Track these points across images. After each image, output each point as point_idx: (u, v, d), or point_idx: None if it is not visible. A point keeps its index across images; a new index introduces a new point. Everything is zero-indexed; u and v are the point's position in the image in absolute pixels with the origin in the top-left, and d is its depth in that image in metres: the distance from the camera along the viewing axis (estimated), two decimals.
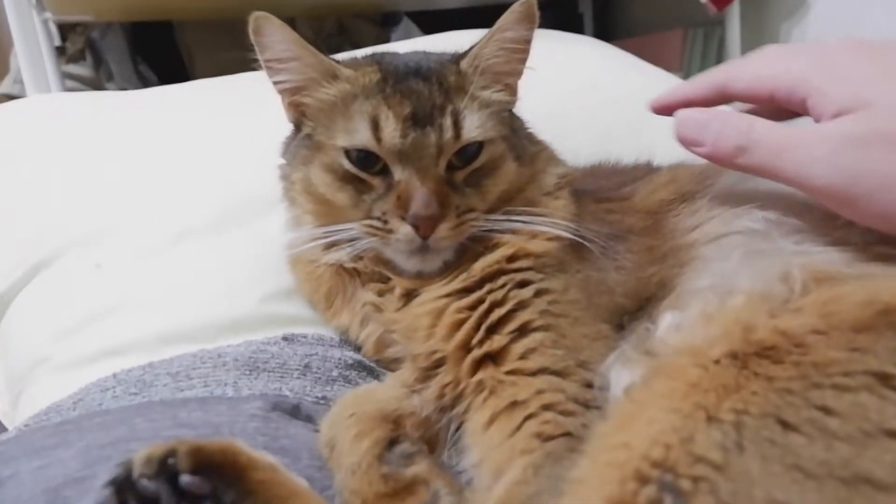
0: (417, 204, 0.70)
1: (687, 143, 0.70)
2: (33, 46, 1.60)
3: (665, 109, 0.75)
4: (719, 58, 2.18)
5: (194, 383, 0.76)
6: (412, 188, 0.71)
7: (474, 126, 0.74)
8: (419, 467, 0.66)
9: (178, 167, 1.11)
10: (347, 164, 0.75)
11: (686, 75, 1.84)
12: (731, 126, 0.67)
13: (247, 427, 0.68)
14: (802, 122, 0.69)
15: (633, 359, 0.64)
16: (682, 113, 0.71)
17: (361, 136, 0.73)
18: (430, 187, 0.72)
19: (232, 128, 1.18)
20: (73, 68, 2.19)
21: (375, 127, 0.73)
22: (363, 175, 0.75)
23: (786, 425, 0.50)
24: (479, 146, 0.76)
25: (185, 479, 0.55)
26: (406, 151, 0.72)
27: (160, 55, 2.24)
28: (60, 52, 2.06)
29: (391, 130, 0.72)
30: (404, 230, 0.71)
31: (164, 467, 0.55)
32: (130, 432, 0.67)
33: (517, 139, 0.82)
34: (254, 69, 0.88)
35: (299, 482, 0.61)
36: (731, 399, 0.52)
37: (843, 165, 0.60)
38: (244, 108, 1.22)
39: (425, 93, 0.74)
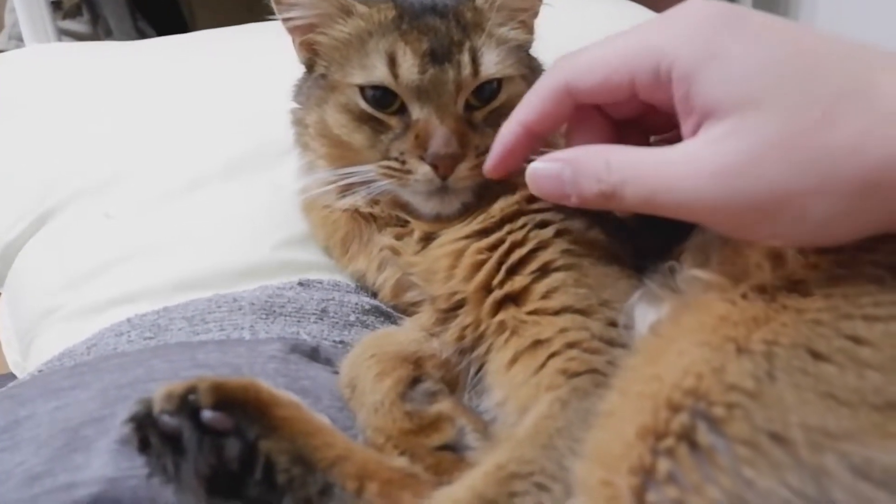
0: (437, 143, 0.69)
1: (552, 199, 0.62)
2: (33, 1, 1.57)
3: (509, 155, 0.66)
4: None
5: (210, 327, 0.75)
6: (431, 126, 0.70)
7: (493, 63, 0.73)
8: (443, 405, 0.66)
9: (185, 115, 1.10)
10: (363, 104, 0.73)
11: None
12: (587, 170, 0.58)
13: (266, 368, 0.68)
14: None
15: (658, 296, 0.63)
16: (530, 169, 0.62)
17: (378, 73, 0.71)
18: (450, 125, 0.70)
19: (240, 76, 1.17)
20: (70, 24, 2.16)
21: (392, 63, 0.71)
22: (379, 114, 0.73)
23: (817, 355, 0.49)
24: (497, 84, 0.74)
25: (207, 414, 0.54)
26: (424, 88, 0.71)
27: (160, 9, 2.20)
28: (56, 6, 2.02)
29: (409, 66, 0.70)
30: (423, 170, 0.70)
31: (186, 403, 0.54)
32: (148, 373, 0.66)
33: (535, 79, 0.80)
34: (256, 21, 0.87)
35: (322, 419, 0.61)
36: (761, 331, 0.51)
37: (733, 188, 0.52)
38: (251, 57, 1.21)
39: (443, 29, 0.73)
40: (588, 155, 0.59)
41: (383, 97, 0.72)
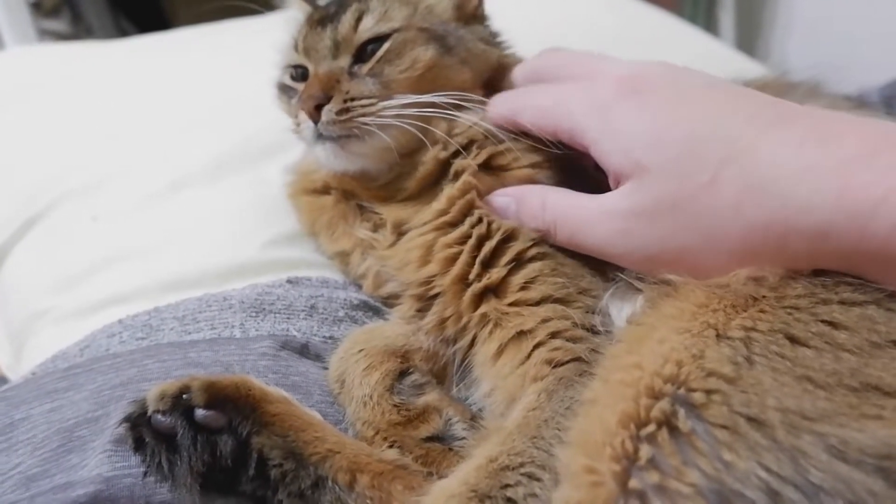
0: (306, 90, 0.74)
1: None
2: (13, 2, 1.56)
3: None
4: None
5: (201, 326, 0.76)
6: (309, 78, 0.76)
7: (375, 19, 0.76)
8: (430, 396, 0.67)
9: (171, 115, 1.10)
10: (284, 78, 0.82)
11: (681, 14, 1.82)
12: (526, 209, 0.69)
13: (257, 365, 0.68)
14: None
15: (632, 288, 0.64)
16: (487, 200, 0.72)
17: (290, 51, 0.81)
18: (319, 74, 0.75)
19: (225, 75, 1.17)
20: (51, 24, 2.14)
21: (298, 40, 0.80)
22: (291, 83, 0.81)
23: (794, 340, 0.50)
24: (381, 39, 0.76)
25: (201, 413, 0.56)
26: (307, 47, 0.78)
27: (141, 7, 2.19)
28: (36, 7, 2.01)
29: (301, 34, 0.79)
30: (301, 116, 0.74)
31: (179, 402, 0.56)
32: (141, 373, 0.67)
33: (455, 40, 0.78)
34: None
35: (313, 414, 0.62)
36: (740, 317, 0.53)
37: (635, 239, 0.61)
38: (234, 55, 1.21)
39: (345, 2, 0.80)
40: (530, 194, 0.69)
41: (303, 73, 0.79)
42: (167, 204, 0.97)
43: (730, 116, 0.58)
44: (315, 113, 0.72)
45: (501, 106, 0.74)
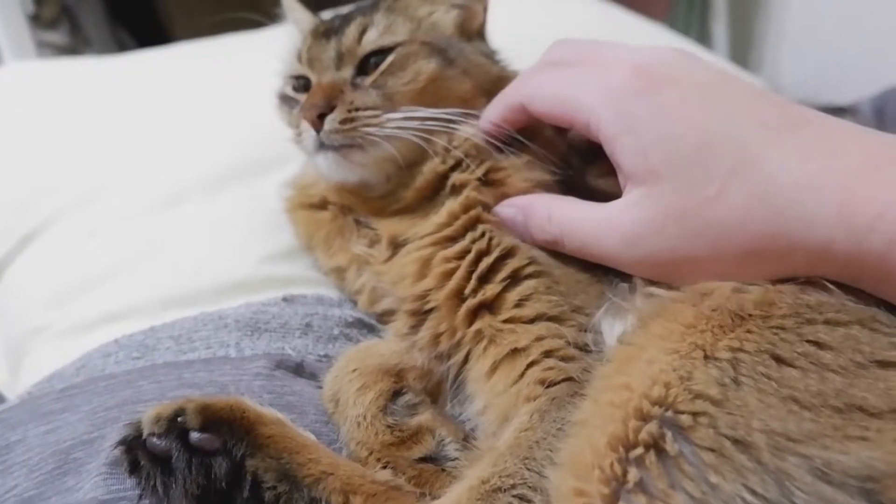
0: (308, 99, 0.75)
1: (516, 237, 0.71)
2: (11, 14, 1.57)
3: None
4: (703, 7, 2.17)
5: (196, 345, 0.76)
6: (312, 88, 0.78)
7: (379, 32, 0.78)
8: (423, 416, 0.67)
9: (168, 129, 1.10)
10: (285, 88, 0.84)
11: (673, 27, 1.83)
12: (534, 220, 0.69)
13: (252, 385, 0.69)
14: None
15: (623, 308, 0.64)
16: (495, 211, 0.72)
17: (293, 62, 0.83)
18: (323, 83, 0.76)
19: (222, 89, 1.17)
20: (49, 36, 2.15)
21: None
22: (293, 94, 0.82)
23: (780, 360, 0.51)
24: (385, 52, 0.77)
25: (196, 436, 0.56)
26: (311, 58, 0.79)
27: (139, 20, 2.20)
28: (35, 19, 2.02)
29: (305, 47, 0.81)
30: (304, 125, 0.75)
31: (174, 425, 0.56)
32: (136, 394, 0.67)
33: (456, 52, 0.80)
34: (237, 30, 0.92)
35: (307, 435, 0.62)
36: (727, 338, 0.53)
37: (642, 249, 0.61)
38: (232, 69, 1.21)
39: (349, 16, 0.81)
40: (537, 205, 0.68)
41: (301, 81, 0.81)
42: (164, 218, 0.97)
43: (744, 120, 0.58)
44: (318, 122, 0.73)
45: (510, 94, 0.72)
